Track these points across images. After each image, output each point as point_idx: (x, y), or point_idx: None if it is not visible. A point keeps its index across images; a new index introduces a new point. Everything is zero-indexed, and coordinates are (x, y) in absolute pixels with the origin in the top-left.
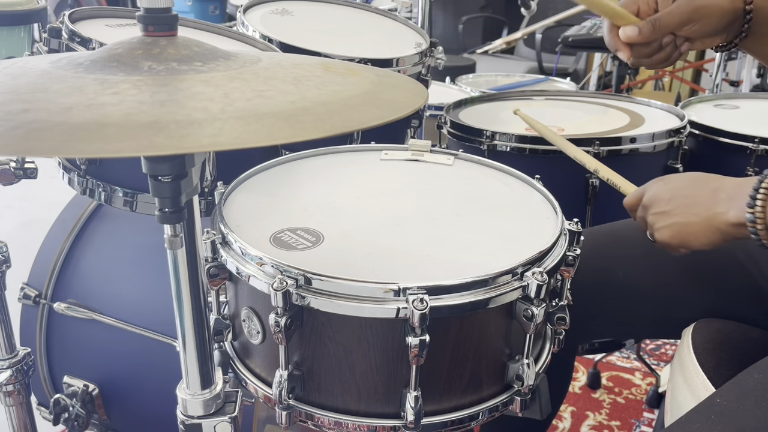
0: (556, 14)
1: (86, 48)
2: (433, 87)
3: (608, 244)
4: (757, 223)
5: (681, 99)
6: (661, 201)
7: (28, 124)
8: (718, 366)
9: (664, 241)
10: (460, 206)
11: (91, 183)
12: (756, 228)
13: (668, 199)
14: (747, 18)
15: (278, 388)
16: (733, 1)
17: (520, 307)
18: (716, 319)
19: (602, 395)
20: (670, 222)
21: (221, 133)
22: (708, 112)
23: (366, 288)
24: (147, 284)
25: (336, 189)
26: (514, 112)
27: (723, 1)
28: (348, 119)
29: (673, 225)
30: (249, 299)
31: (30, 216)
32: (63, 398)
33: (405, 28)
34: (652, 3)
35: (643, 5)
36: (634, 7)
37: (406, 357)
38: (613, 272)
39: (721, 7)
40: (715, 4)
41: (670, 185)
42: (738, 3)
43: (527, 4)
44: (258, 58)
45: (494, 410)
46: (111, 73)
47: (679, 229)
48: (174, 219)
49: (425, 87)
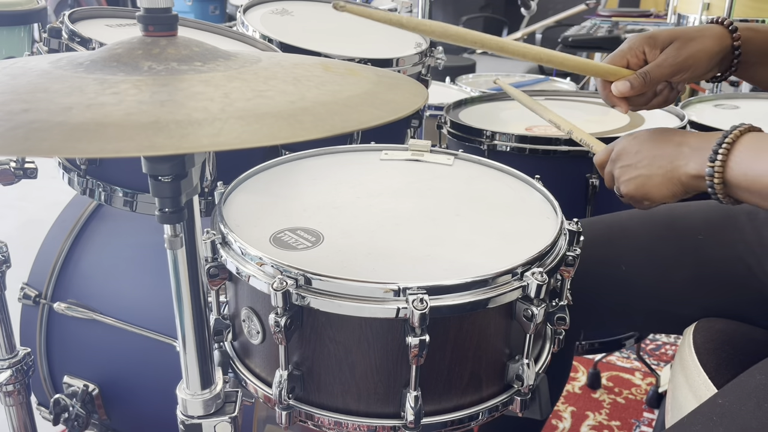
0: (556, 14)
1: (86, 48)
2: (433, 87)
3: (612, 235)
4: (715, 178)
5: (681, 99)
6: (628, 154)
7: (28, 124)
8: (720, 366)
9: (629, 193)
10: (460, 206)
11: (91, 183)
12: (713, 182)
13: (635, 152)
14: (736, 53)
15: (278, 388)
16: (721, 42)
17: (520, 307)
18: (718, 319)
19: (602, 395)
20: (635, 174)
21: (221, 133)
22: (708, 112)
23: (366, 288)
24: (147, 284)
25: (336, 189)
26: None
27: (710, 45)
28: (348, 119)
29: (637, 177)
30: (249, 299)
31: (30, 216)
32: (63, 398)
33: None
34: (640, 55)
35: (632, 58)
36: (623, 61)
37: (406, 357)
38: (616, 264)
39: (709, 51)
40: (703, 50)
41: (638, 140)
42: (725, 41)
43: (527, 4)
44: (258, 58)
45: (494, 410)
46: (111, 73)
47: (643, 182)
48: (174, 219)
49: (425, 87)
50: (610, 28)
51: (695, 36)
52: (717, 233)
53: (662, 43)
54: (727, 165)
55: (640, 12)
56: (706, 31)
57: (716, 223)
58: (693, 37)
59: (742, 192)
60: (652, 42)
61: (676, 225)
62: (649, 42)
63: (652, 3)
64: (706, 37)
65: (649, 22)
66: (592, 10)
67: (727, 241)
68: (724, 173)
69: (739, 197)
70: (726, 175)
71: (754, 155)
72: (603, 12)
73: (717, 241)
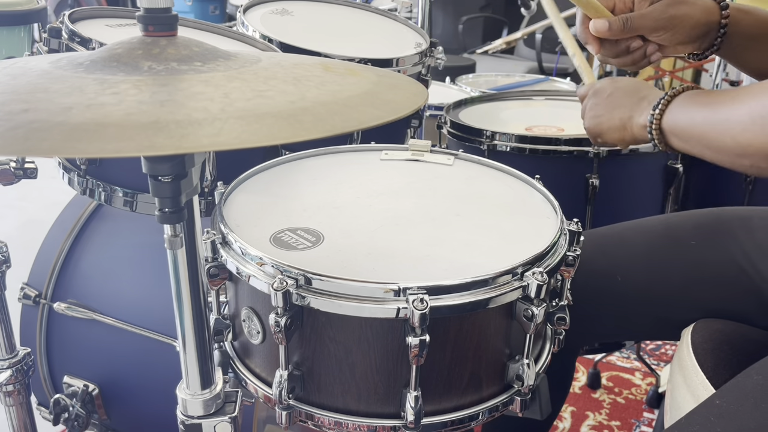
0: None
1: (86, 48)
2: (433, 87)
3: (608, 245)
4: (653, 125)
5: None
6: (602, 95)
7: (28, 124)
8: (718, 366)
9: (588, 127)
10: (460, 206)
11: (91, 183)
12: (651, 129)
13: (607, 95)
14: (721, 32)
15: (278, 388)
16: (708, 14)
17: (520, 307)
18: (716, 320)
19: (602, 395)
20: (598, 113)
21: (221, 133)
22: None
23: (366, 288)
24: (147, 284)
25: (336, 189)
26: None
27: (698, 13)
28: (348, 119)
29: (599, 116)
30: (249, 299)
31: (30, 216)
32: (63, 398)
33: (405, 28)
34: (628, 2)
35: (620, 3)
36: (610, 2)
37: (406, 357)
38: (612, 274)
39: (695, 18)
40: (690, 15)
41: (614, 85)
42: (713, 16)
43: (527, 4)
44: (258, 58)
45: (494, 410)
46: (111, 73)
47: (601, 122)
48: (174, 219)
49: (425, 87)
50: None
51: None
52: (710, 238)
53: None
54: (663, 115)
55: None
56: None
57: (709, 229)
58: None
59: (673, 138)
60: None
61: (670, 233)
62: None
63: None
64: (697, 6)
65: None
66: None
67: (721, 246)
68: (660, 122)
69: (672, 143)
70: (662, 123)
71: (684, 106)
72: None
73: (710, 246)
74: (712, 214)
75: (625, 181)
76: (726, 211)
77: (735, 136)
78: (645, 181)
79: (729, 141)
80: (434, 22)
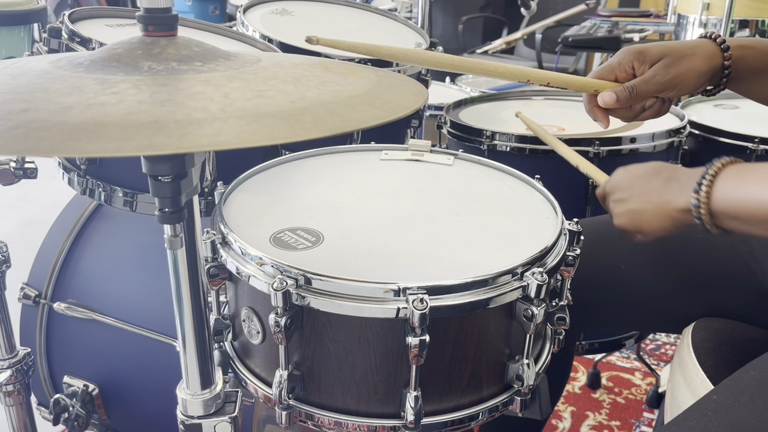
0: (556, 14)
1: (86, 48)
2: (433, 87)
3: (610, 235)
4: (701, 208)
5: (681, 99)
6: (621, 188)
7: (27, 124)
8: (718, 365)
9: (621, 226)
10: (460, 206)
11: (91, 183)
12: (700, 213)
13: (626, 186)
14: (725, 72)
15: (278, 388)
16: (711, 61)
17: (520, 307)
18: (716, 319)
19: (602, 395)
20: (627, 209)
21: (221, 132)
22: (708, 112)
23: (366, 288)
24: (147, 284)
25: (336, 189)
26: (516, 115)
27: (700, 64)
28: (348, 119)
29: (629, 212)
30: (249, 299)
31: (30, 216)
32: (63, 398)
33: (405, 28)
34: (629, 69)
35: (621, 72)
36: (611, 75)
37: (406, 357)
38: (615, 264)
39: (698, 70)
40: (692, 69)
41: (630, 174)
42: (716, 60)
43: (527, 4)
44: (258, 58)
45: (494, 410)
46: (111, 73)
47: (634, 216)
48: (174, 219)
49: (425, 87)
50: (610, 28)
51: (686, 54)
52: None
53: (652, 59)
54: (711, 195)
55: (640, 12)
56: (697, 48)
57: None
58: (683, 55)
59: (729, 220)
60: (641, 57)
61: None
62: (639, 57)
63: (652, 3)
64: (697, 56)
65: (649, 22)
66: (592, 10)
67: (725, 241)
68: (709, 203)
69: (727, 226)
70: (711, 205)
71: (736, 184)
72: (603, 12)
73: (715, 240)
74: None
75: None
76: None
77: None
78: None
79: None
80: (434, 22)
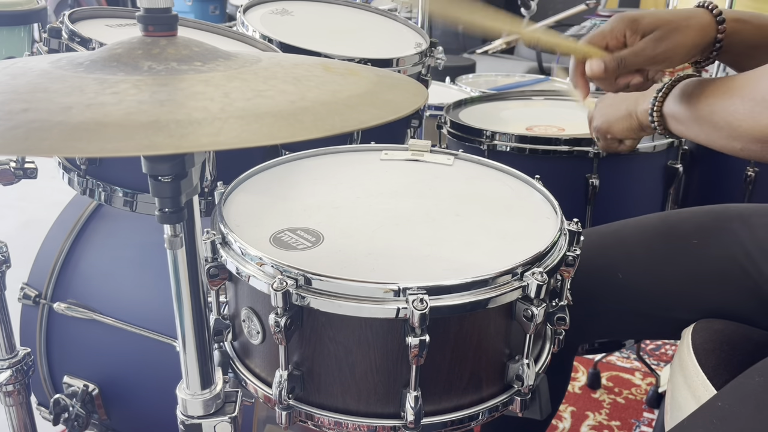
0: (556, 14)
1: (86, 48)
2: (433, 87)
3: (608, 244)
4: (655, 109)
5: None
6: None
7: (27, 124)
8: (718, 366)
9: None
10: (460, 206)
11: (91, 183)
12: (653, 112)
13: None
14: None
15: (278, 388)
16: (705, 33)
17: (520, 307)
18: (716, 320)
19: (602, 395)
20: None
21: (221, 132)
22: None
23: (366, 288)
24: (147, 284)
25: (336, 189)
26: None
27: (692, 37)
28: (348, 119)
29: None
30: (249, 299)
31: (30, 216)
32: (63, 398)
33: (405, 28)
34: (621, 38)
35: (612, 40)
36: (603, 42)
37: (406, 357)
38: (612, 272)
39: (689, 44)
40: (683, 43)
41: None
42: (709, 33)
43: (527, 4)
44: (258, 58)
45: (494, 410)
46: (111, 73)
47: (608, 114)
48: (174, 219)
49: (425, 87)
50: None
51: (680, 26)
52: (711, 237)
53: (644, 29)
54: (665, 101)
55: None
56: (692, 20)
57: (709, 228)
58: (677, 27)
59: (672, 122)
60: (634, 26)
61: (670, 231)
62: (632, 26)
63: (652, 3)
64: (691, 28)
65: None
66: (592, 10)
67: (721, 245)
68: (661, 108)
69: (671, 128)
70: (663, 108)
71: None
72: (603, 12)
73: (711, 245)
74: (713, 212)
75: (625, 181)
76: (727, 208)
77: (727, 118)
78: (645, 181)
79: (722, 123)
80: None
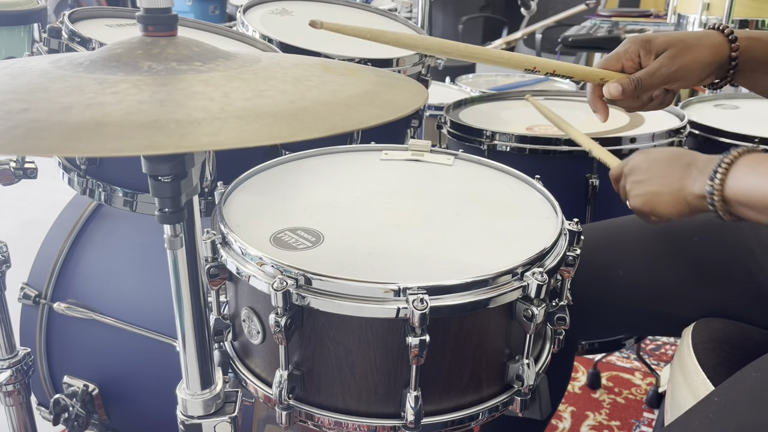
0: (556, 14)
1: (86, 48)
2: (433, 87)
3: (609, 240)
4: (715, 195)
5: (681, 99)
6: (640, 171)
7: (27, 124)
8: (718, 365)
9: (637, 208)
10: (460, 206)
11: (91, 183)
12: (713, 200)
13: (646, 169)
14: (732, 64)
15: (278, 388)
16: (717, 51)
17: (520, 307)
18: (716, 319)
19: (602, 395)
20: (644, 191)
21: (221, 132)
22: (708, 112)
23: (366, 288)
24: (147, 284)
25: (336, 189)
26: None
27: (706, 55)
28: (348, 119)
29: (646, 194)
30: (249, 299)
31: (30, 216)
32: (63, 398)
33: (405, 28)
34: (635, 58)
35: (627, 61)
36: (618, 64)
37: (406, 357)
38: (613, 269)
39: (703, 62)
40: (697, 61)
41: (650, 157)
42: (723, 51)
43: (527, 4)
44: (258, 58)
45: (494, 410)
46: (111, 73)
47: (651, 198)
48: (174, 219)
49: (425, 87)
50: (610, 28)
51: (692, 45)
52: (713, 235)
53: (657, 49)
54: (725, 183)
55: (640, 12)
56: (704, 39)
57: (712, 225)
58: (689, 46)
59: (741, 207)
60: (647, 46)
61: (672, 228)
62: (645, 46)
63: (652, 3)
64: (703, 47)
65: (649, 22)
66: (592, 10)
67: (724, 243)
68: (722, 191)
69: (739, 213)
70: (725, 192)
71: (750, 172)
72: (603, 12)
73: (713, 242)
74: None
75: None
76: None
77: None
78: None
79: None
80: (434, 22)
